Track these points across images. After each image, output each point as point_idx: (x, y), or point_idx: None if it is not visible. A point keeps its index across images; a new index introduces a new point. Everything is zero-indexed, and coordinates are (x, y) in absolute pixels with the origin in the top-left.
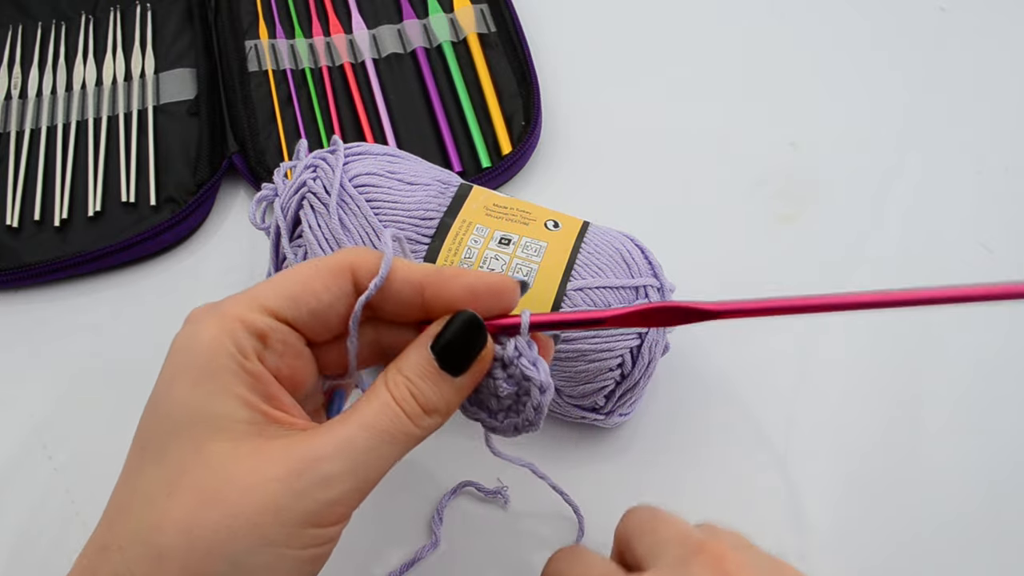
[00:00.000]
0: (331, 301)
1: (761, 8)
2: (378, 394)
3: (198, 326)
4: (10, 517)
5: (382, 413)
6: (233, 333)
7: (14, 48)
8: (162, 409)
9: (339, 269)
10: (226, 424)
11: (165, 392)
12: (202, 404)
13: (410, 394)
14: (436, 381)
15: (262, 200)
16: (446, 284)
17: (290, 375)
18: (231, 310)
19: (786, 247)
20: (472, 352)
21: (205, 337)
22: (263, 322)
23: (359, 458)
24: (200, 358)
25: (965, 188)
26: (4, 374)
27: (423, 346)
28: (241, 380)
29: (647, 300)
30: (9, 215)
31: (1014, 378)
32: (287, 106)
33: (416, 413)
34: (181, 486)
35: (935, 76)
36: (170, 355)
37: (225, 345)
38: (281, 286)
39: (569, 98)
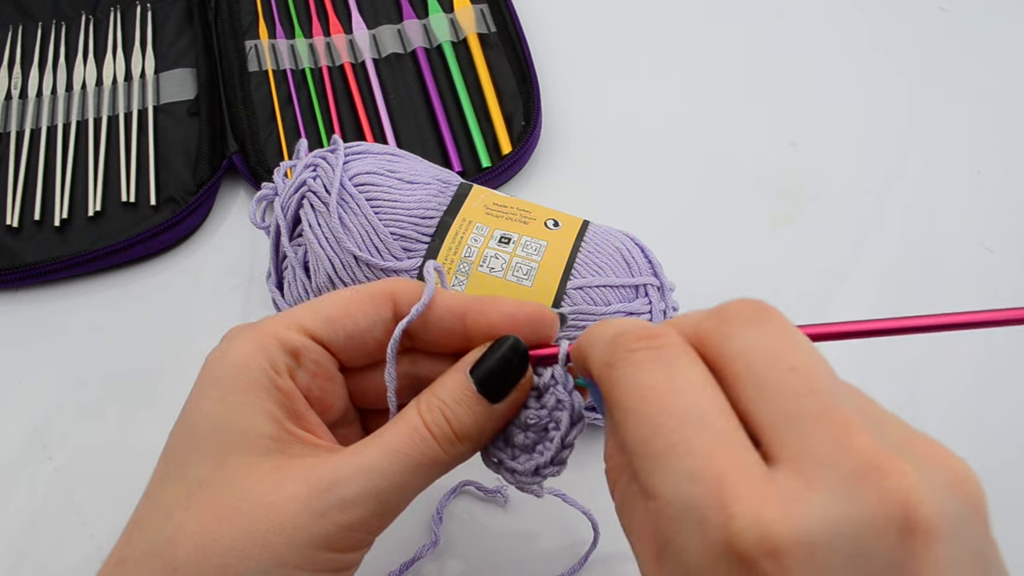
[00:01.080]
0: (368, 325)
1: (761, 8)
2: (407, 417)
3: (233, 341)
4: (10, 517)
5: (409, 437)
6: (267, 349)
7: (14, 48)
8: (189, 422)
9: (380, 296)
10: (250, 439)
11: (194, 405)
12: (228, 418)
13: (443, 418)
14: (472, 406)
15: (262, 199)
16: (486, 311)
17: (320, 397)
18: (267, 328)
19: (786, 247)
20: (513, 379)
21: (238, 352)
22: (298, 340)
23: (381, 483)
24: (231, 371)
25: (965, 188)
26: (4, 374)
27: (461, 370)
28: (270, 395)
29: (647, 299)
30: (9, 215)
31: (1013, 379)
32: (287, 106)
33: (447, 438)
34: (199, 500)
35: (935, 76)
36: (203, 369)
37: (257, 360)
38: (319, 308)
39: (569, 98)
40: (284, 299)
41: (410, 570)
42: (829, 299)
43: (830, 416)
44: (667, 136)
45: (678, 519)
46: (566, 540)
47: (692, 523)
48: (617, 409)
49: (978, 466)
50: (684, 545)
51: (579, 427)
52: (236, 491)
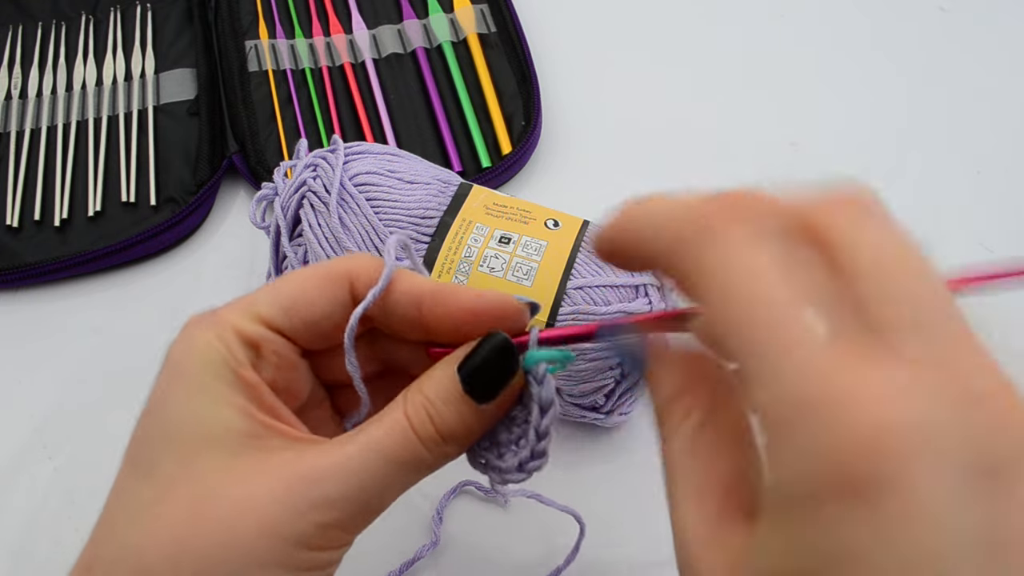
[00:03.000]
0: (327, 310)
1: (761, 8)
2: (392, 414)
3: (193, 333)
4: (10, 517)
5: (393, 434)
6: (227, 340)
7: (14, 48)
8: (154, 421)
9: (336, 276)
10: (222, 436)
11: (158, 403)
12: (196, 415)
13: (428, 417)
14: (459, 406)
15: (262, 199)
16: (445, 302)
17: (285, 386)
18: (226, 316)
19: None
20: (501, 379)
21: (199, 344)
22: (256, 331)
23: (363, 482)
24: (194, 366)
25: (965, 188)
26: (4, 374)
27: (449, 366)
28: (237, 389)
29: (647, 299)
30: (9, 215)
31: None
32: (287, 106)
33: (432, 438)
34: (169, 503)
35: (935, 76)
36: (164, 364)
37: (220, 352)
38: (276, 293)
39: (569, 98)
40: None
41: (410, 570)
42: None
43: (961, 336)
44: (667, 136)
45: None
46: (566, 539)
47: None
48: (710, 294)
49: None
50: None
51: (551, 414)
52: (210, 491)
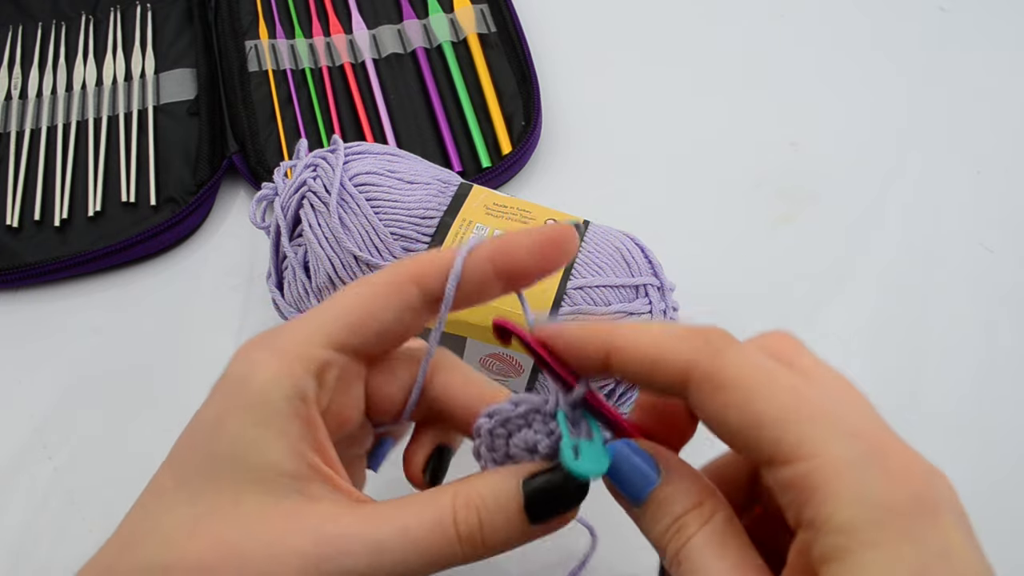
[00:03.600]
0: (396, 317)
1: (761, 8)
2: (436, 507)
3: (255, 363)
4: (10, 517)
5: (433, 532)
6: (293, 374)
7: (14, 48)
8: (207, 447)
9: (401, 282)
10: (271, 476)
11: (213, 429)
12: (250, 450)
13: (478, 520)
14: (511, 519)
15: (262, 199)
16: (511, 252)
17: (338, 411)
18: (291, 348)
19: (786, 247)
20: (564, 508)
21: (263, 376)
22: (324, 357)
23: (389, 567)
24: (255, 398)
25: (965, 188)
26: (4, 374)
27: (514, 477)
28: (295, 427)
29: (647, 299)
30: (9, 215)
31: (1012, 381)
32: (287, 106)
33: (473, 543)
34: (205, 531)
35: (935, 76)
36: (222, 388)
37: (284, 387)
38: (342, 314)
39: (569, 98)
40: (284, 299)
41: None
42: (829, 299)
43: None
44: (667, 136)
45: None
46: (566, 539)
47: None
48: (739, 389)
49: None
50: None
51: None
52: (244, 532)
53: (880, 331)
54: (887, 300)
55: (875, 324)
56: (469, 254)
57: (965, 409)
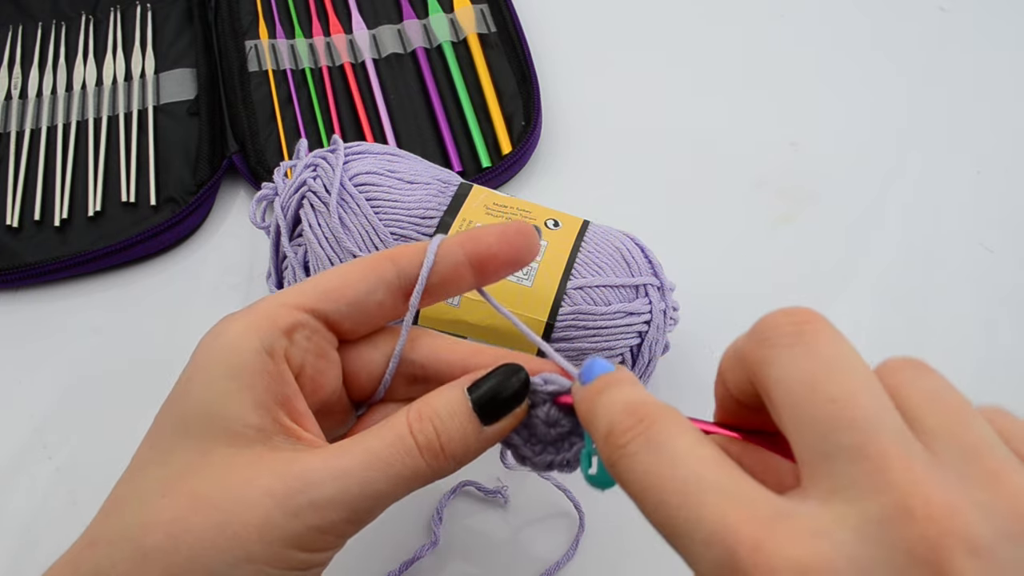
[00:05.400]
0: (369, 289)
1: (761, 8)
2: (394, 425)
3: (226, 322)
4: (10, 517)
5: (393, 445)
6: (259, 330)
7: (14, 48)
8: (177, 408)
9: (378, 260)
10: (236, 428)
11: (183, 390)
12: (216, 404)
13: (433, 429)
14: (464, 423)
15: (262, 199)
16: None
17: (312, 375)
18: (261, 308)
19: (786, 247)
20: (510, 405)
21: (231, 334)
22: (291, 316)
23: (356, 489)
24: (221, 355)
25: (965, 188)
26: (4, 374)
27: (459, 387)
28: (260, 381)
29: (647, 299)
30: (9, 215)
31: (1012, 381)
32: (287, 106)
33: (433, 451)
34: (177, 488)
35: (935, 76)
36: (195, 352)
37: (249, 342)
38: (317, 282)
39: (569, 98)
40: None
41: (410, 570)
42: (829, 299)
43: (868, 451)
44: (667, 136)
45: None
46: (566, 539)
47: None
48: (635, 501)
49: None
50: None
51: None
52: (213, 482)
53: (880, 331)
54: (887, 300)
55: (875, 324)
56: (442, 244)
57: None
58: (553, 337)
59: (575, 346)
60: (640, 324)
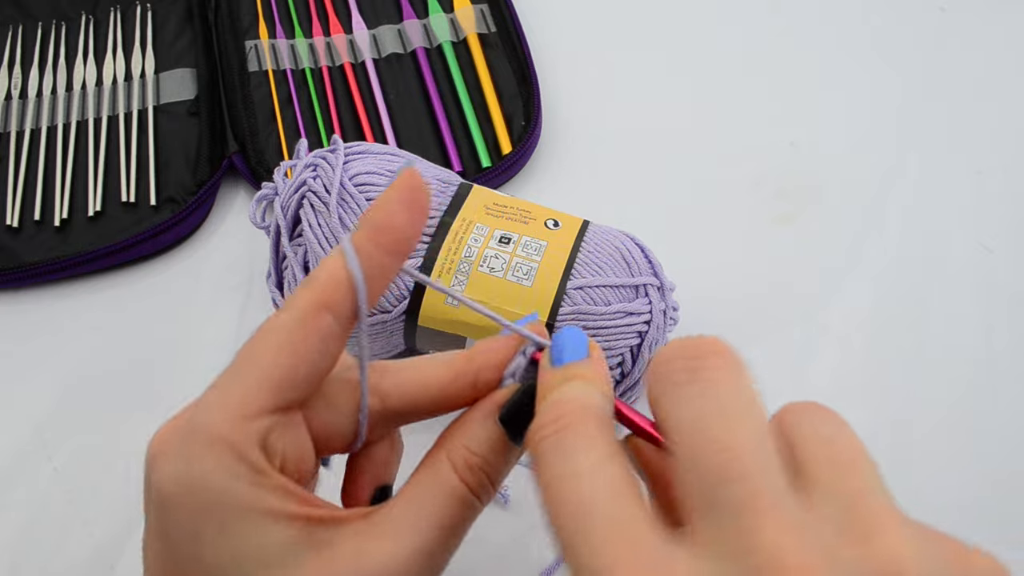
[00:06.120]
0: (321, 352)
1: (761, 8)
2: (442, 481)
3: (193, 464)
4: (10, 517)
5: (454, 506)
6: (241, 457)
7: (14, 48)
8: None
9: (311, 316)
10: (280, 554)
11: (193, 552)
12: (247, 549)
13: (486, 477)
14: (506, 454)
15: (262, 199)
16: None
17: (296, 457)
18: (222, 432)
19: (785, 247)
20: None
21: (213, 477)
22: (260, 425)
23: (435, 560)
24: (220, 500)
25: (965, 188)
26: (4, 374)
27: (489, 418)
28: (278, 501)
29: (647, 299)
30: (9, 215)
31: (1012, 381)
32: (287, 106)
33: (487, 492)
34: None
35: (935, 76)
36: (170, 503)
37: (240, 473)
38: (264, 371)
39: (569, 98)
40: (284, 299)
41: None
42: (829, 299)
43: (745, 508)
44: (667, 136)
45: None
46: None
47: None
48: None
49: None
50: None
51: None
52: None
53: (880, 330)
54: (887, 299)
55: (875, 323)
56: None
57: (965, 408)
58: None
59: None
60: (640, 324)
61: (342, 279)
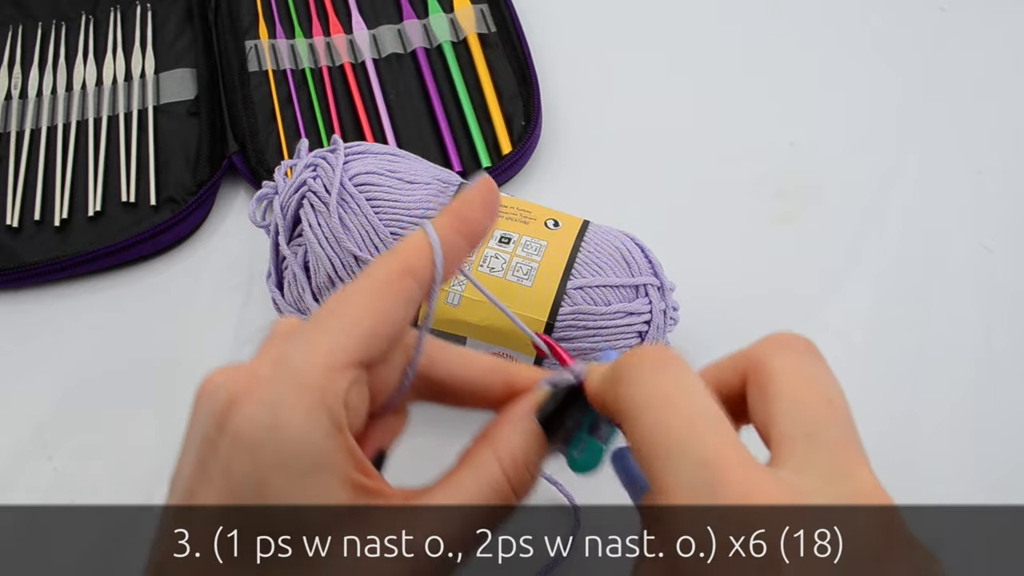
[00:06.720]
0: (405, 316)
1: (761, 8)
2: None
3: (280, 409)
4: (10, 517)
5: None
6: (325, 408)
7: (14, 48)
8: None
9: (397, 279)
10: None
11: (255, 494)
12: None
13: (529, 474)
14: (543, 455)
15: (262, 198)
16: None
17: (358, 423)
18: (314, 380)
19: (786, 247)
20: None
21: (296, 424)
22: (347, 377)
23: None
24: (296, 449)
25: (965, 188)
26: (4, 374)
27: (527, 418)
28: (344, 461)
29: (647, 299)
30: (9, 215)
31: (1012, 380)
32: (287, 106)
33: (526, 491)
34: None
35: (935, 76)
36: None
37: (321, 426)
38: (354, 324)
39: (569, 98)
40: (284, 299)
41: None
42: (829, 299)
43: (847, 447)
44: (667, 136)
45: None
46: (564, 534)
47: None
48: (629, 422)
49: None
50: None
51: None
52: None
53: (880, 330)
54: (887, 299)
55: (875, 323)
56: (441, 235)
57: (965, 408)
58: (553, 337)
59: (575, 346)
60: (640, 324)
61: (424, 249)
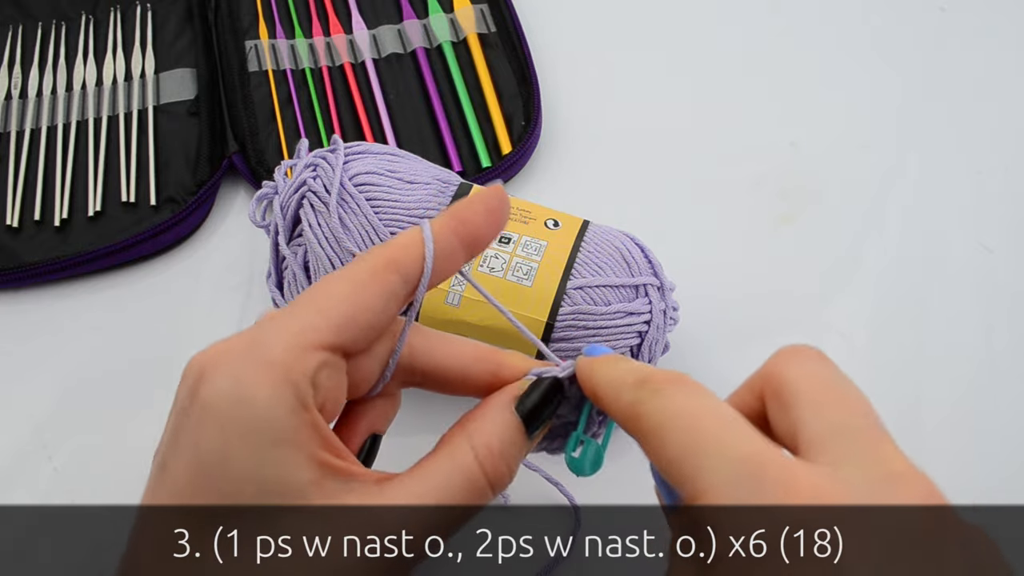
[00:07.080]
0: (384, 307)
1: (761, 8)
2: (460, 462)
3: (248, 383)
4: (10, 517)
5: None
6: (290, 384)
7: (14, 48)
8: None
9: (380, 271)
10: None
11: (219, 464)
12: (271, 476)
13: (506, 466)
14: (522, 447)
15: (262, 198)
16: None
17: (333, 401)
18: (280, 356)
19: (786, 247)
20: (551, 411)
21: (261, 398)
22: (317, 358)
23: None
24: (260, 423)
25: (965, 188)
26: (4, 374)
27: (507, 409)
28: (304, 435)
29: (647, 299)
30: (9, 215)
31: (1012, 380)
32: (287, 106)
33: (503, 484)
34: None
35: (935, 76)
36: (211, 416)
37: (285, 400)
38: (329, 308)
39: (569, 98)
40: (284, 299)
41: None
42: (829, 299)
43: (875, 435)
44: (667, 136)
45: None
46: (562, 538)
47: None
48: (655, 433)
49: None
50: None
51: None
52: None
53: (881, 330)
54: (887, 299)
55: (876, 323)
56: (436, 234)
57: (965, 407)
58: (553, 337)
59: (575, 346)
60: (640, 324)
61: (415, 246)
